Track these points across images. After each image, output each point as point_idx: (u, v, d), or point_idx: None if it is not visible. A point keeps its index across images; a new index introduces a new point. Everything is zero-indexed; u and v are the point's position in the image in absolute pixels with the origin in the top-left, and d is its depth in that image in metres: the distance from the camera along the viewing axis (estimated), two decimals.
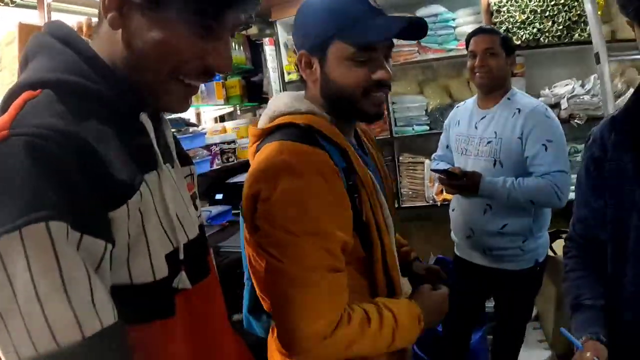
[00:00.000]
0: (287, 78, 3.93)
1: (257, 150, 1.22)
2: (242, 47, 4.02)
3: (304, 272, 1.05)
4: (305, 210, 1.07)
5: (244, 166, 3.84)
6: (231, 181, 3.75)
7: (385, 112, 3.70)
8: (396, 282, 1.28)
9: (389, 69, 1.22)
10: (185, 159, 1.01)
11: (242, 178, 3.74)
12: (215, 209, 3.37)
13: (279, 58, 3.92)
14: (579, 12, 3.22)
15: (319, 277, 1.05)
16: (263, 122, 1.28)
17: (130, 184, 0.74)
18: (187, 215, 0.89)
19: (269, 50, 3.90)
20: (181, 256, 0.83)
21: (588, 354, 1.15)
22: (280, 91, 3.93)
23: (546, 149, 2.18)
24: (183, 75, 0.81)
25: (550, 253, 2.86)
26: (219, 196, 3.64)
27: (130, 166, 0.76)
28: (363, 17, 1.18)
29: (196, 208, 0.98)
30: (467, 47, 2.41)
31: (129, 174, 0.74)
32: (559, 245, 3.02)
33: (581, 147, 3.29)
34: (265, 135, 1.24)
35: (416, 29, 1.24)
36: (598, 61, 2.50)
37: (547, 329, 3.19)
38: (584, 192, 1.39)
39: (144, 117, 0.82)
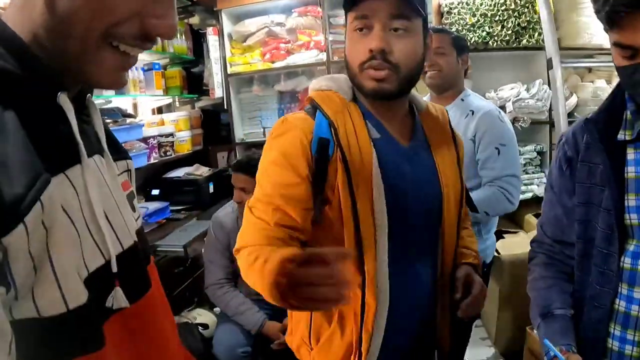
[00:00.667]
0: (229, 70, 3.79)
1: None
2: (183, 37, 3.86)
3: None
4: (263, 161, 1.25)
5: (182, 161, 3.70)
6: (168, 176, 3.60)
7: None
8: (370, 275, 1.20)
9: (381, 38, 1.17)
10: (120, 152, 0.86)
11: (179, 173, 3.59)
12: (152, 206, 3.21)
13: (222, 49, 3.78)
14: (528, 18, 3.29)
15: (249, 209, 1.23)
16: (309, 91, 1.36)
17: (23, 194, 0.57)
18: (119, 219, 0.75)
19: (212, 40, 3.75)
20: (114, 269, 0.69)
21: None
22: (223, 83, 3.80)
23: (499, 153, 2.16)
24: (118, 39, 0.66)
25: (495, 253, 2.89)
26: (155, 192, 3.48)
27: (31, 167, 0.59)
28: None
29: (133, 209, 0.84)
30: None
31: (25, 180, 0.58)
32: (501, 245, 3.06)
33: (524, 149, 3.40)
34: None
35: None
36: (551, 66, 2.51)
37: (490, 327, 3.21)
38: (556, 192, 1.37)
39: (63, 98, 0.66)
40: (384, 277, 1.21)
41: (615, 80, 3.57)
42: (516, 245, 3.09)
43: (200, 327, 2.81)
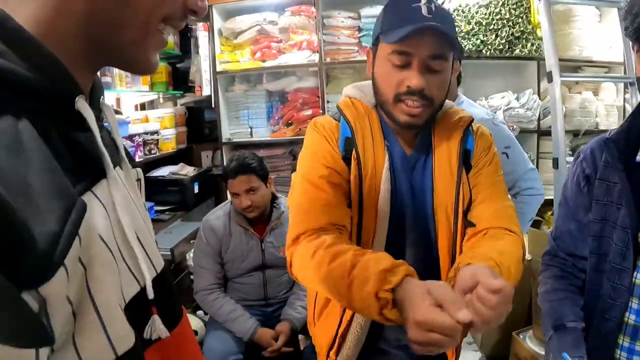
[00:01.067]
0: (219, 67, 3.70)
1: None
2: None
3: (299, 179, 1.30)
4: (306, 147, 1.34)
5: (166, 159, 3.61)
6: (152, 175, 3.49)
7: (321, 111, 3.60)
8: None
9: (421, 77, 1.19)
10: (131, 160, 0.75)
11: (164, 172, 3.50)
12: None
13: (212, 45, 3.69)
14: (522, 28, 3.32)
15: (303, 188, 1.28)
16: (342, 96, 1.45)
17: (59, 231, 0.45)
18: (149, 239, 0.67)
19: (202, 36, 3.66)
20: (150, 296, 0.61)
21: None
22: (211, 80, 3.71)
23: (507, 157, 2.17)
24: (167, 21, 0.59)
25: None
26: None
27: (61, 192, 0.47)
28: (409, 20, 1.17)
29: (152, 236, 0.74)
30: None
31: (59, 212, 0.46)
32: None
33: None
34: None
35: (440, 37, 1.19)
36: (550, 80, 2.54)
37: (476, 334, 3.24)
38: (571, 207, 1.41)
39: (82, 103, 0.55)
40: None
41: (602, 92, 3.65)
42: None
43: None
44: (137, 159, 3.17)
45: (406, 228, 1.32)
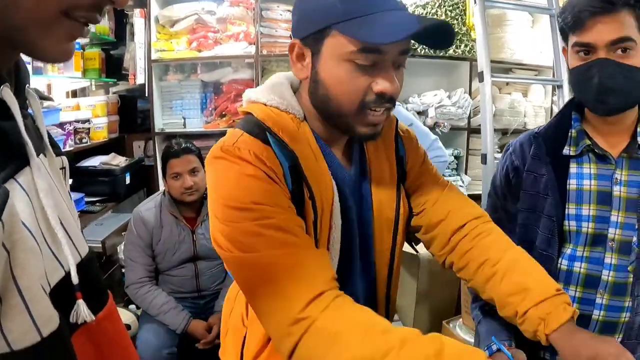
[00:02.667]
0: (154, 56, 3.62)
1: None
2: (106, 17, 3.64)
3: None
4: (235, 194, 0.95)
5: (97, 149, 3.51)
6: (83, 165, 3.39)
7: None
8: None
9: (396, 80, 0.97)
10: (55, 147, 0.74)
11: (95, 162, 3.41)
12: None
13: (148, 33, 3.60)
14: (457, 29, 3.43)
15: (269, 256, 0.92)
16: (244, 103, 1.11)
17: None
18: (73, 226, 0.68)
19: (138, 23, 3.56)
20: (75, 281, 0.62)
21: (520, 357, 1.19)
22: (145, 69, 3.62)
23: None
24: (72, 9, 0.57)
25: (412, 251, 2.99)
26: (69, 182, 3.24)
27: None
28: (377, 7, 0.93)
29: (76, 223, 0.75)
30: None
31: None
32: (419, 244, 3.15)
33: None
34: (240, 117, 1.10)
35: (441, 35, 0.98)
36: (481, 79, 2.64)
37: (407, 321, 3.31)
38: (500, 197, 1.47)
39: (6, 92, 0.56)
40: None
41: (531, 94, 3.82)
42: None
43: None
44: (67, 148, 3.07)
45: (353, 256, 1.13)
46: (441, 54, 3.46)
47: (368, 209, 1.15)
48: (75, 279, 0.62)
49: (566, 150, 1.34)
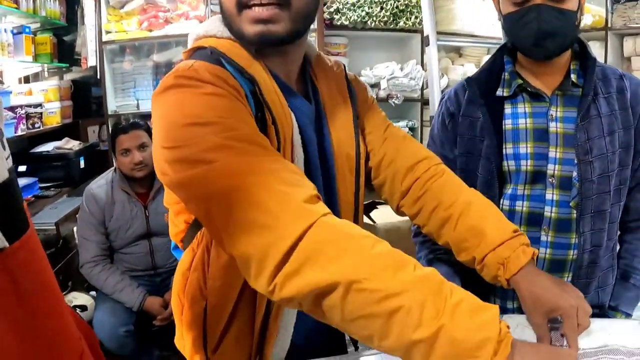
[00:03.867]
0: (105, 37, 3.58)
1: None
2: (57, 1, 3.58)
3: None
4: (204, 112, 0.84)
5: (50, 134, 3.47)
6: (36, 150, 3.35)
7: None
8: None
9: None
10: None
11: (48, 147, 3.37)
12: (19, 182, 2.96)
13: (98, 15, 3.55)
14: (406, 2, 3.48)
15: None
16: (188, 45, 1.05)
17: None
18: None
19: (88, 5, 3.53)
20: None
21: None
22: (97, 52, 3.57)
23: None
24: None
25: (369, 221, 3.03)
26: (22, 167, 3.22)
27: None
28: None
29: (3, 148, 0.77)
30: None
31: None
32: (376, 214, 3.22)
33: (397, 124, 3.52)
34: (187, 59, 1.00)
35: None
36: (427, 44, 2.68)
37: None
38: (437, 145, 1.47)
39: None
40: None
41: (483, 63, 3.87)
42: (389, 214, 3.26)
43: (78, 310, 2.67)
44: (19, 133, 3.04)
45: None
46: (392, 26, 3.50)
47: (328, 145, 1.10)
48: None
49: (499, 92, 1.34)
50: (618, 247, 1.43)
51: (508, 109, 1.34)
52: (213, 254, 1.01)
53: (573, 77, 1.30)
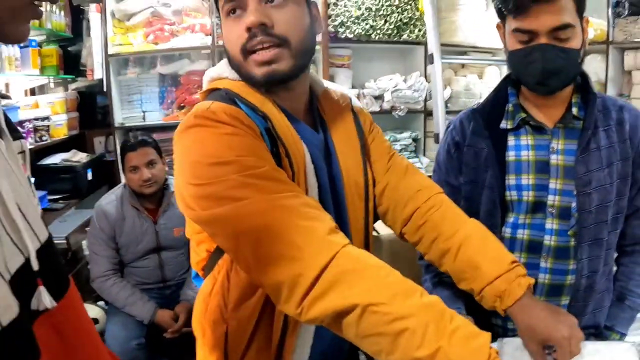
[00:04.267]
0: (111, 50, 3.59)
1: None
2: (62, 12, 3.61)
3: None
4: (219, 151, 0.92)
5: (57, 146, 3.50)
6: (44, 163, 3.38)
7: None
8: None
9: (255, 11, 0.98)
10: (14, 132, 0.73)
11: (56, 159, 3.41)
12: None
13: (104, 27, 3.56)
14: (410, 14, 3.52)
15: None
16: (204, 86, 1.13)
17: None
18: (32, 211, 0.65)
19: (94, 18, 3.54)
20: (35, 267, 0.61)
21: None
22: (103, 64, 3.59)
23: None
24: None
25: (374, 232, 3.06)
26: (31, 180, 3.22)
27: None
28: None
29: (34, 194, 0.74)
30: None
31: None
32: (379, 225, 3.21)
33: (400, 136, 3.65)
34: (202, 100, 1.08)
35: None
36: (431, 61, 2.71)
37: None
38: (443, 172, 1.52)
39: None
40: None
41: (486, 76, 3.91)
42: None
43: None
44: (27, 147, 3.04)
45: None
46: (395, 39, 3.54)
47: (337, 173, 1.15)
48: (35, 264, 0.61)
49: (503, 124, 1.39)
50: (615, 269, 1.47)
51: (511, 141, 1.38)
52: (233, 280, 1.07)
53: (574, 110, 1.34)
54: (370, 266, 0.86)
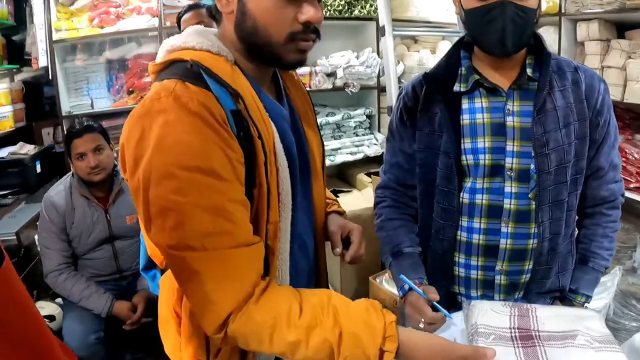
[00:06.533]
0: (55, 36, 3.46)
1: None
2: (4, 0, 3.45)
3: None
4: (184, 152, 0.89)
5: (4, 139, 3.40)
6: None
7: None
8: (274, 273, 1.06)
9: (318, 8, 1.01)
10: None
11: (2, 153, 3.32)
12: None
13: (47, 13, 3.43)
14: None
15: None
16: (159, 56, 1.06)
17: None
18: None
19: (37, 4, 3.39)
20: None
21: (431, 295, 1.27)
22: (47, 51, 3.46)
23: None
24: None
25: None
26: None
27: None
28: None
29: None
30: (178, 27, 2.41)
31: None
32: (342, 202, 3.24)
33: (354, 112, 3.64)
34: (158, 72, 1.03)
35: None
36: (383, 34, 2.70)
37: (334, 280, 3.39)
38: (397, 140, 1.51)
39: None
40: (285, 265, 1.10)
41: (439, 51, 3.92)
42: (351, 202, 3.32)
43: (46, 320, 2.63)
44: None
45: (297, 191, 1.13)
46: (347, 14, 3.50)
47: (305, 144, 1.19)
48: None
49: (457, 87, 1.37)
50: (576, 233, 1.49)
51: (465, 104, 1.37)
52: None
53: (529, 71, 1.33)
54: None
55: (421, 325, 1.25)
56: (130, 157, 0.92)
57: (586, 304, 1.44)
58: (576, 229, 1.49)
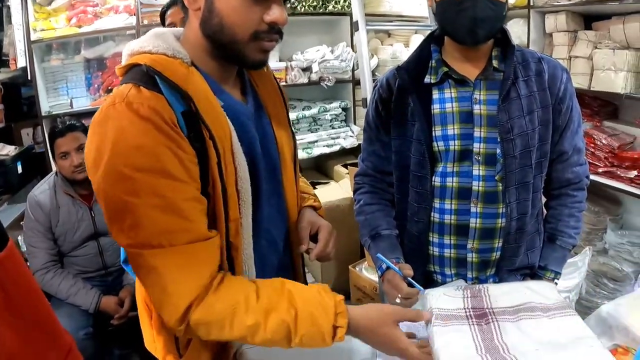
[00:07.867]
0: (33, 36, 3.44)
1: None
2: None
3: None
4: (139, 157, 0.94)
5: None
6: None
7: None
8: (239, 268, 1.12)
9: (284, 10, 1.05)
10: None
11: None
12: None
13: (25, 13, 3.40)
14: None
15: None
16: (123, 60, 1.09)
17: None
18: None
19: (14, 3, 3.37)
20: None
21: (406, 271, 1.36)
22: (26, 52, 3.44)
23: None
24: None
25: None
26: None
27: None
28: None
29: None
30: (162, 22, 2.40)
31: None
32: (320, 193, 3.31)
33: (330, 106, 3.71)
34: (122, 75, 1.06)
35: None
36: (356, 29, 2.78)
37: (315, 271, 3.46)
38: (373, 129, 1.59)
39: None
40: (250, 259, 1.15)
41: (412, 44, 3.99)
42: (329, 193, 3.41)
43: None
44: None
45: (261, 187, 1.18)
46: (321, 10, 3.56)
47: (272, 143, 1.23)
48: None
49: (427, 79, 1.45)
50: (544, 213, 1.58)
51: (436, 95, 1.45)
52: None
53: (495, 62, 1.42)
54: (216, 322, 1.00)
55: (397, 300, 1.34)
56: (91, 162, 0.97)
57: (556, 280, 1.52)
58: (543, 209, 1.58)
